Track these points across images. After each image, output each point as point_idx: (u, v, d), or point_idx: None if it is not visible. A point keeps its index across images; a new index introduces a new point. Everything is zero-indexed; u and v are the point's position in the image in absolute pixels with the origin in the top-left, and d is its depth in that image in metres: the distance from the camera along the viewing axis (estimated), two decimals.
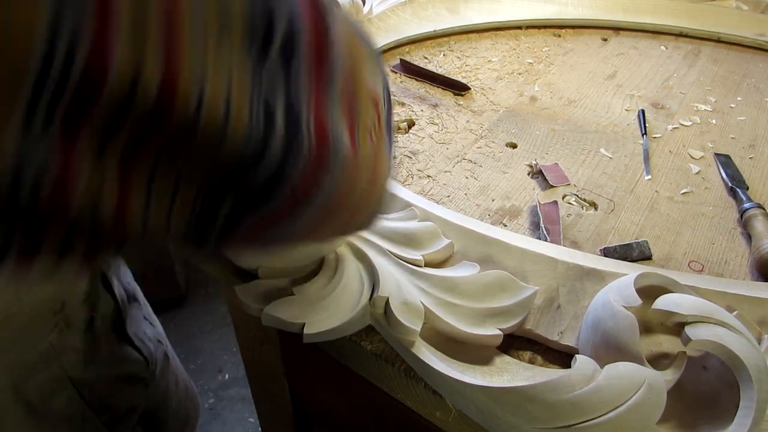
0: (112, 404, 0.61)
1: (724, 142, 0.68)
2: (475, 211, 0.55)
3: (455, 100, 0.76)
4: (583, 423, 0.31)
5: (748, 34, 0.92)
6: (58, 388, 0.54)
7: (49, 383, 0.53)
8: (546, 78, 0.82)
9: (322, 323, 0.39)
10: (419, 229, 0.46)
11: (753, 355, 0.32)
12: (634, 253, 0.50)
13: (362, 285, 0.42)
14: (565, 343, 0.39)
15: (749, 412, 0.31)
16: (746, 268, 0.49)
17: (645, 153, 0.65)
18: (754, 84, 0.81)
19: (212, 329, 1.68)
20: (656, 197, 0.58)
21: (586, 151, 0.65)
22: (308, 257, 0.44)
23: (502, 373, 0.37)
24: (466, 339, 0.39)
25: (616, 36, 0.97)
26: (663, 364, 0.36)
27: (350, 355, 0.44)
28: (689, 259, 0.50)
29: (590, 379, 0.32)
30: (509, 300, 0.40)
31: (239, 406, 1.48)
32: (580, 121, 0.72)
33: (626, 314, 0.35)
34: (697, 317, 0.34)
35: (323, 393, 0.62)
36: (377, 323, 0.40)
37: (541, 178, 0.60)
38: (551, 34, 0.97)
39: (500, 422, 0.34)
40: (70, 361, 0.53)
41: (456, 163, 0.63)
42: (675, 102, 0.76)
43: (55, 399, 0.54)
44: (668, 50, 0.92)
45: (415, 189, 0.58)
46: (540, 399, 0.32)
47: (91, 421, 0.58)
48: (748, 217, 0.53)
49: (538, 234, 0.51)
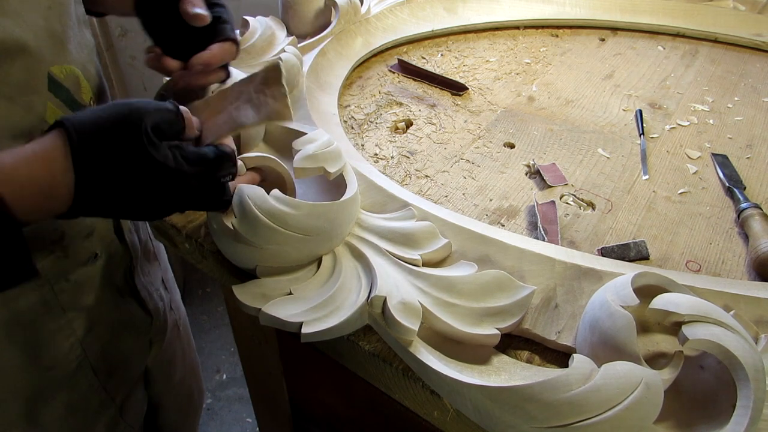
0: (110, 354, 0.60)
1: (721, 143, 0.68)
2: (472, 211, 0.55)
3: (453, 100, 0.76)
4: (580, 422, 0.31)
5: (745, 35, 0.92)
6: (52, 321, 0.53)
7: (42, 314, 0.52)
8: (544, 78, 0.82)
9: (320, 323, 0.39)
10: (417, 229, 0.46)
11: (750, 355, 0.32)
12: (631, 253, 0.50)
13: (360, 284, 0.42)
14: (562, 342, 0.39)
15: (746, 411, 0.31)
16: (743, 267, 0.50)
17: (642, 153, 0.65)
18: (751, 84, 0.81)
19: (210, 329, 1.68)
20: (654, 197, 0.58)
21: (584, 151, 0.65)
22: (306, 257, 0.44)
23: (500, 372, 0.37)
24: (464, 338, 0.39)
25: (613, 36, 0.97)
26: (660, 363, 0.36)
27: (348, 355, 0.44)
28: (686, 259, 0.50)
29: (588, 378, 0.32)
30: (507, 299, 0.40)
31: (237, 406, 1.48)
32: (578, 121, 0.72)
33: (623, 314, 0.35)
34: (695, 317, 0.34)
35: (321, 393, 0.62)
36: (375, 323, 0.40)
37: (539, 178, 0.60)
38: (549, 34, 0.97)
39: (498, 421, 0.34)
40: (65, 291, 0.53)
41: (454, 163, 0.63)
42: (672, 102, 0.76)
43: (49, 334, 0.54)
44: (666, 50, 0.92)
45: (413, 189, 0.58)
46: (537, 398, 0.32)
47: (85, 371, 0.58)
48: (746, 217, 0.53)
49: (536, 234, 0.51)
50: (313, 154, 0.47)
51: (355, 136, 0.67)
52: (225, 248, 0.46)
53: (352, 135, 0.67)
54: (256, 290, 0.42)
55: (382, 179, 0.54)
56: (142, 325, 0.66)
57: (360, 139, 0.67)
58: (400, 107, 0.73)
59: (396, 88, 0.78)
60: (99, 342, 0.59)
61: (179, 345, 0.78)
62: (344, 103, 0.74)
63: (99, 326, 0.58)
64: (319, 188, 0.53)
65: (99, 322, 0.58)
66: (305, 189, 0.54)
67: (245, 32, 0.69)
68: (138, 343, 0.66)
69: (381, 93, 0.76)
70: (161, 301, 0.70)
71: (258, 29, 0.70)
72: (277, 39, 0.71)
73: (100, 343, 0.59)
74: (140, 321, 0.65)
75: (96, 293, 0.57)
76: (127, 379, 0.65)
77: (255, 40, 0.68)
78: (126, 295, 0.63)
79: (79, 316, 0.55)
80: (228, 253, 0.46)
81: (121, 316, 0.62)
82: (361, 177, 0.52)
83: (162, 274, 0.73)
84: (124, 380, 0.64)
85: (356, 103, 0.74)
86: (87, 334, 0.57)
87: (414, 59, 0.85)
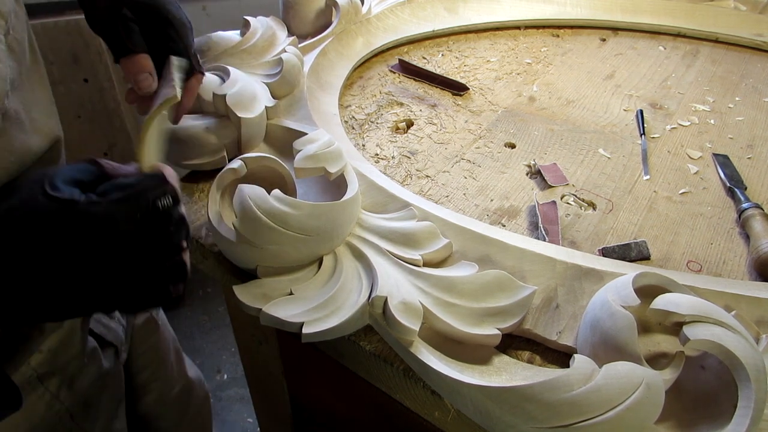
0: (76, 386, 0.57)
1: (722, 143, 0.68)
2: (473, 211, 0.55)
3: (454, 100, 0.76)
4: (581, 422, 0.31)
5: (746, 35, 0.92)
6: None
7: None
8: (544, 78, 0.82)
9: (321, 323, 0.39)
10: (418, 229, 0.46)
11: (751, 355, 0.32)
12: (632, 253, 0.50)
13: (361, 284, 0.42)
14: (563, 342, 0.39)
15: (747, 411, 0.31)
16: (744, 268, 0.49)
17: (643, 153, 0.65)
18: (752, 84, 0.81)
19: (211, 329, 1.68)
20: (655, 197, 0.58)
21: (585, 151, 0.65)
22: (307, 257, 0.44)
23: (501, 372, 0.37)
24: (465, 339, 0.39)
25: (614, 36, 0.97)
26: (661, 363, 0.36)
27: (349, 355, 0.44)
28: (688, 259, 0.50)
29: (589, 378, 0.32)
30: (508, 300, 0.40)
31: (238, 407, 1.48)
32: (579, 121, 0.72)
33: (624, 314, 0.35)
34: (696, 317, 0.34)
35: (322, 393, 0.62)
36: (376, 323, 0.40)
37: (540, 178, 0.60)
38: (550, 34, 0.97)
39: (499, 422, 0.34)
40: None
41: (455, 163, 0.63)
42: (673, 102, 0.76)
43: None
44: (666, 50, 0.92)
45: (414, 189, 0.58)
46: (538, 398, 0.32)
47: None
48: (747, 217, 0.53)
49: (537, 234, 0.51)
50: (313, 154, 0.47)
51: (355, 136, 0.67)
52: (226, 248, 0.46)
53: (353, 135, 0.67)
54: (257, 290, 0.42)
55: (383, 179, 0.54)
56: (110, 338, 0.63)
57: (361, 139, 0.67)
58: (400, 107, 0.73)
59: (397, 88, 0.78)
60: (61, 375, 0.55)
61: (161, 339, 0.75)
62: (345, 103, 0.74)
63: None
64: (320, 188, 0.53)
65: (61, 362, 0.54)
66: (306, 189, 0.54)
67: (246, 32, 0.69)
68: (104, 360, 0.62)
69: (382, 93, 0.76)
70: (119, 324, 0.67)
71: (259, 29, 0.70)
72: (278, 39, 0.72)
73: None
74: (107, 354, 0.62)
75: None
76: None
77: (256, 41, 0.68)
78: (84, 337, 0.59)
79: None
80: (229, 254, 0.46)
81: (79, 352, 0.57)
82: (361, 177, 0.52)
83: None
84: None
85: (357, 103, 0.74)
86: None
87: (415, 59, 0.85)
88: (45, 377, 0.53)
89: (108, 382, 0.63)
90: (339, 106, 0.70)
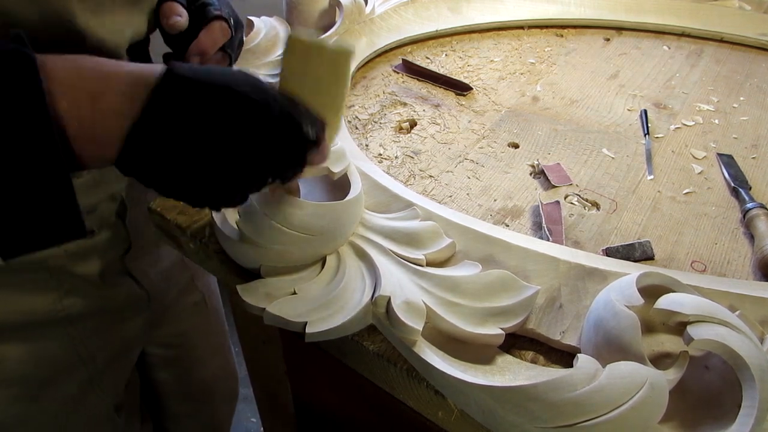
0: (104, 340, 0.60)
1: (726, 142, 0.67)
2: (477, 211, 0.55)
3: (457, 100, 0.76)
4: (585, 422, 0.31)
5: (750, 34, 0.92)
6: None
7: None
8: (548, 78, 0.82)
9: (324, 322, 0.39)
10: (421, 229, 0.46)
11: (755, 355, 0.32)
12: (636, 253, 0.50)
13: (364, 284, 0.42)
14: (567, 342, 0.39)
15: (751, 411, 0.31)
16: (749, 268, 0.49)
17: (647, 153, 0.65)
18: (756, 84, 0.81)
19: None
20: (659, 197, 0.58)
21: (588, 151, 0.65)
22: (310, 256, 0.45)
23: (504, 372, 0.37)
24: (468, 338, 0.39)
25: (618, 36, 0.97)
26: (665, 363, 0.36)
27: (352, 355, 0.44)
28: (692, 259, 0.50)
29: (592, 378, 0.32)
30: (511, 299, 0.40)
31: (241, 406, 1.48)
32: (583, 121, 0.72)
33: (628, 314, 0.35)
34: (700, 317, 0.34)
35: (325, 393, 0.62)
36: (379, 322, 0.40)
37: (543, 178, 0.60)
38: (553, 33, 0.97)
39: (502, 422, 0.34)
40: (56, 256, 0.53)
41: (458, 163, 0.63)
42: (677, 102, 0.76)
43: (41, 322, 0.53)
44: (671, 50, 0.92)
45: (417, 189, 0.58)
46: (542, 398, 0.32)
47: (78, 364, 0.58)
48: (751, 217, 0.53)
49: (540, 234, 0.51)
50: None
51: (359, 136, 0.67)
52: (229, 248, 0.46)
53: (356, 135, 0.67)
54: (261, 290, 0.42)
55: (386, 179, 0.54)
56: (138, 302, 0.65)
57: (364, 139, 0.67)
58: (404, 107, 0.73)
59: (400, 88, 0.78)
60: (88, 319, 0.58)
61: (201, 325, 0.77)
62: (348, 103, 0.74)
63: (87, 299, 0.58)
64: (324, 188, 0.54)
65: (88, 296, 0.58)
66: (309, 189, 0.54)
67: (250, 32, 0.70)
68: (133, 326, 0.65)
69: (385, 93, 0.76)
70: (160, 278, 0.69)
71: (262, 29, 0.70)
72: (281, 39, 0.72)
73: (88, 320, 0.58)
74: (135, 301, 0.65)
75: (87, 266, 0.57)
76: (121, 369, 0.64)
77: (259, 41, 0.69)
78: (119, 275, 0.62)
79: (68, 281, 0.55)
80: (232, 253, 0.46)
81: (111, 294, 0.61)
82: (365, 177, 0.52)
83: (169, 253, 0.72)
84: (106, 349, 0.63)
85: (360, 103, 0.74)
86: (66, 296, 0.56)
87: (418, 59, 0.85)
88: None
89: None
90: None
